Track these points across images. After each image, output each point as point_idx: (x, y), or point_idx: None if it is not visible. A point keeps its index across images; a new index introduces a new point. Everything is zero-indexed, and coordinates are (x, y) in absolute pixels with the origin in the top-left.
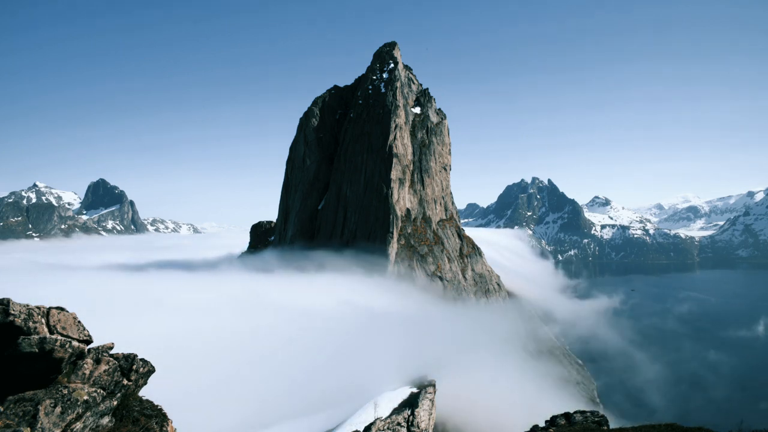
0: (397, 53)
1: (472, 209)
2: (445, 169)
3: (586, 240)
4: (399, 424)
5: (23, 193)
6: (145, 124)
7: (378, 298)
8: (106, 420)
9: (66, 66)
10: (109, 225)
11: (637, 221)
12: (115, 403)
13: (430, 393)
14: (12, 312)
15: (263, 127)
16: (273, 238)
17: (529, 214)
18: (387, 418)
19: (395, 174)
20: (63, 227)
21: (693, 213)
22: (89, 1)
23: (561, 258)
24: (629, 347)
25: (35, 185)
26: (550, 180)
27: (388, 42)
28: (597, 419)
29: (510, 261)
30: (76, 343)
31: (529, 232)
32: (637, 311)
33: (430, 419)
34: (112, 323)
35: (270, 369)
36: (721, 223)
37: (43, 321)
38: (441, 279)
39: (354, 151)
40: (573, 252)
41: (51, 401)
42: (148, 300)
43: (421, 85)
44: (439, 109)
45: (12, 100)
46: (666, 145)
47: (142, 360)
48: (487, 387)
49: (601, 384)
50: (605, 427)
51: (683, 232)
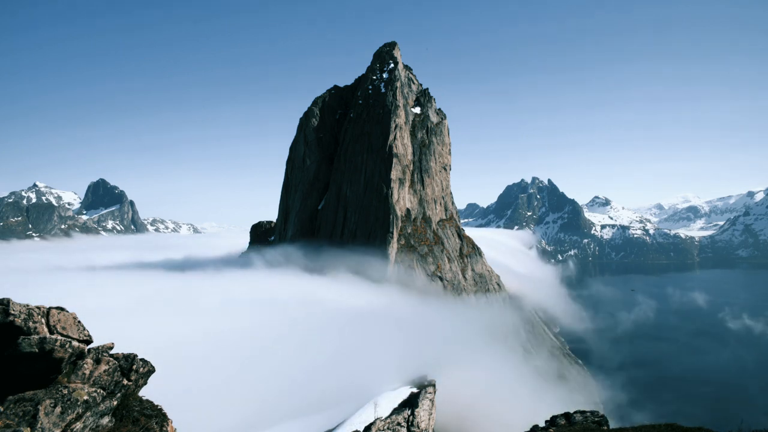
0: (397, 53)
1: (472, 209)
2: (445, 169)
3: (586, 240)
4: (399, 424)
5: (23, 193)
6: (145, 124)
7: (378, 298)
8: (106, 420)
9: (66, 66)
10: (109, 225)
11: (637, 221)
12: (115, 403)
13: (430, 393)
14: (12, 312)
15: (263, 127)
16: (273, 238)
17: (529, 214)
18: (387, 418)
19: (395, 174)
20: (63, 227)
21: (693, 213)
22: (89, 1)
23: (561, 258)
24: (629, 347)
25: (35, 185)
26: (550, 180)
27: (388, 42)
28: (597, 419)
29: (510, 261)
30: (76, 343)
31: (529, 232)
32: (637, 311)
33: (430, 419)
34: (112, 323)
35: (270, 369)
36: (721, 223)
37: (43, 321)
38: (441, 279)
39: (354, 151)
40: (573, 252)
41: (51, 401)
42: (147, 300)
43: (421, 85)
44: (439, 109)
45: (12, 100)
46: (666, 145)
47: (142, 360)
48: (488, 387)
49: (601, 384)
50: (605, 427)
51: (683, 232)
